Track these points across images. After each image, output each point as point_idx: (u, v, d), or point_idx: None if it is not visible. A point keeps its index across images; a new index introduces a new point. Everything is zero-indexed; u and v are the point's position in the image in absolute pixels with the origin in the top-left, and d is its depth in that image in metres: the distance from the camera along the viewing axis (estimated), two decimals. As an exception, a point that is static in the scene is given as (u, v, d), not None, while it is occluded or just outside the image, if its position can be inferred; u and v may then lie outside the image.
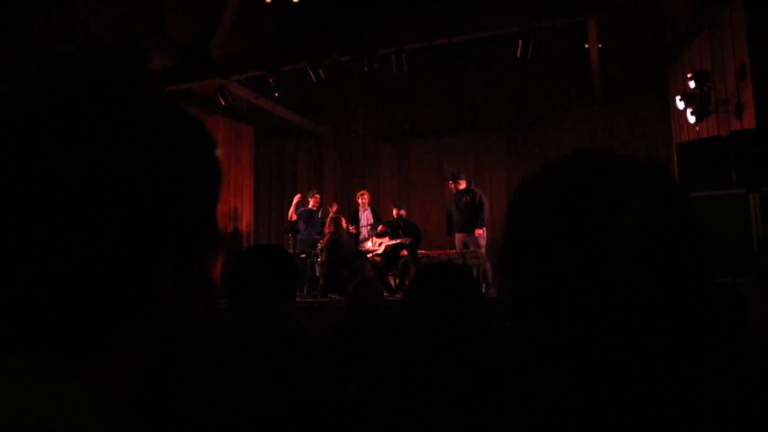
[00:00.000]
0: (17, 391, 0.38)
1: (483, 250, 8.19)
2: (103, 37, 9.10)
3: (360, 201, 9.37)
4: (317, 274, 8.68)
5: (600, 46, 8.24)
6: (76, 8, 8.67)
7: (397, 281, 8.57)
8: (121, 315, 0.43)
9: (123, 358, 0.44)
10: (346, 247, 8.62)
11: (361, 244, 9.05)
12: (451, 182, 8.74)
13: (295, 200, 9.55)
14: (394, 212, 8.92)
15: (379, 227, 8.85)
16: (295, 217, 9.42)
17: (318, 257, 8.66)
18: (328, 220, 8.56)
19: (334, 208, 9.11)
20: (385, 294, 5.23)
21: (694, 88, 7.13)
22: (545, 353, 0.65)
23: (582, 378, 0.63)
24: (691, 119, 7.26)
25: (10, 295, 0.38)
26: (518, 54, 7.21)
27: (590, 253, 0.59)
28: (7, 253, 0.38)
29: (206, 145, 0.50)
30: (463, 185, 8.56)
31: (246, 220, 11.31)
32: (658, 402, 0.59)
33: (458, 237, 8.51)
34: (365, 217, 9.25)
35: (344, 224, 8.58)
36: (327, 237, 8.44)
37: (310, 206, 9.41)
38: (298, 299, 7.09)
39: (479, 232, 8.29)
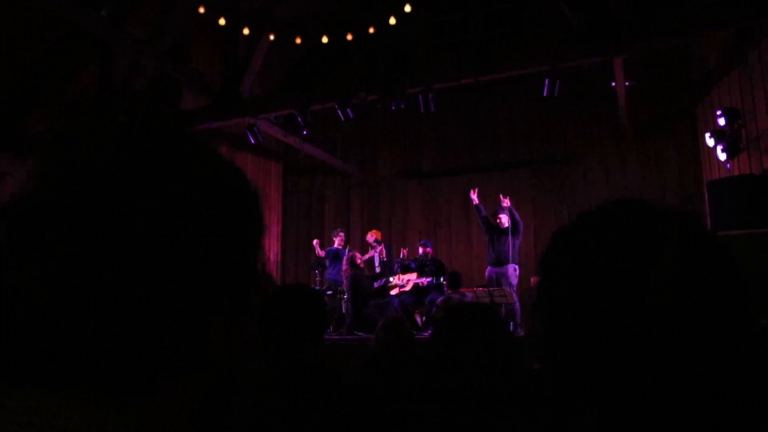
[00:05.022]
0: (79, 428, 0.40)
1: (514, 289, 8.05)
2: (139, 81, 9.49)
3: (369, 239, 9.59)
4: (344, 311, 8.69)
5: (627, 84, 8.23)
6: (115, 60, 9.10)
7: (424, 319, 8.51)
8: (178, 360, 0.45)
9: (176, 401, 0.47)
10: (365, 283, 8.64)
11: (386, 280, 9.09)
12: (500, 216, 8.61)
13: (315, 243, 9.72)
14: (420, 250, 8.89)
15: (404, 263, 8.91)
16: (323, 254, 9.52)
17: (345, 294, 8.70)
18: (345, 259, 8.64)
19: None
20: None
21: (725, 125, 7.07)
22: (579, 394, 0.65)
23: (619, 419, 0.63)
24: (722, 156, 7.18)
25: (78, 334, 0.41)
26: (545, 93, 7.25)
27: (630, 296, 0.60)
28: (78, 295, 0.41)
29: (255, 200, 0.53)
30: (503, 221, 8.39)
31: (273, 257, 11.39)
32: None
33: (489, 271, 8.41)
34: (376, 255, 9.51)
35: (359, 261, 8.62)
36: (346, 276, 8.51)
37: (335, 245, 9.46)
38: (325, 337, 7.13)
39: (513, 267, 8.18)
